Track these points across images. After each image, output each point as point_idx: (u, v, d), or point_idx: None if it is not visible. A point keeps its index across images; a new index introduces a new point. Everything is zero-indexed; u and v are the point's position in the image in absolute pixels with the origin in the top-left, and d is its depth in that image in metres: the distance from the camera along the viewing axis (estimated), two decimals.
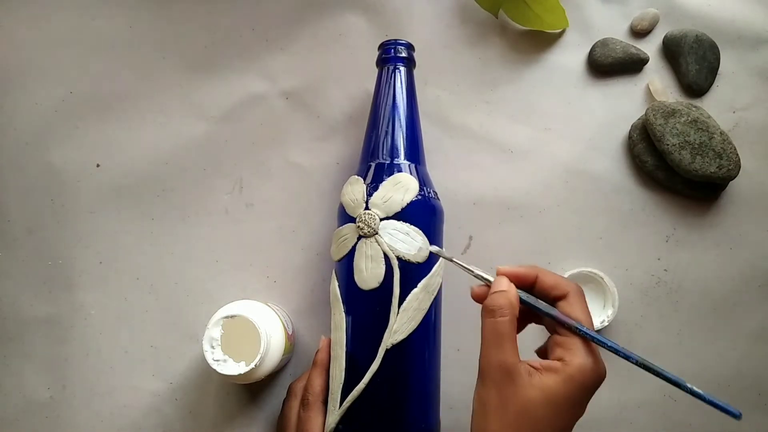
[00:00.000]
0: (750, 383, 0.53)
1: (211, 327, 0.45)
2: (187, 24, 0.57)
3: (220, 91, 0.57)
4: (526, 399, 0.34)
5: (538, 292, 0.39)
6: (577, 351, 0.35)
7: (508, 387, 0.34)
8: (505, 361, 0.35)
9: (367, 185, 0.46)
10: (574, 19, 0.57)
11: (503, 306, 0.36)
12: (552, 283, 0.38)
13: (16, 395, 0.53)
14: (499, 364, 0.35)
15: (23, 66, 0.57)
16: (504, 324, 0.36)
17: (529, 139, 0.56)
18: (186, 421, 0.53)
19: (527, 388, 0.34)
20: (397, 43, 0.51)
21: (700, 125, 0.52)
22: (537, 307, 0.38)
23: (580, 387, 0.35)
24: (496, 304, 0.37)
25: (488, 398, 0.35)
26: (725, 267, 0.55)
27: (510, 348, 0.35)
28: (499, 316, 0.36)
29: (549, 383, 0.34)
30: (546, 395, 0.34)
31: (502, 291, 0.37)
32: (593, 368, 0.35)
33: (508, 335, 0.36)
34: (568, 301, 0.37)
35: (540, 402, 0.34)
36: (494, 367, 0.35)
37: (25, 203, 0.55)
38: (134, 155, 0.56)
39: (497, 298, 0.37)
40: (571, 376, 0.34)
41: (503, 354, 0.35)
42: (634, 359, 0.36)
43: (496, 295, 0.37)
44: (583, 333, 0.36)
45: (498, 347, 0.35)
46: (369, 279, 0.45)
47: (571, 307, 0.37)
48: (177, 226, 0.55)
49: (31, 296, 0.54)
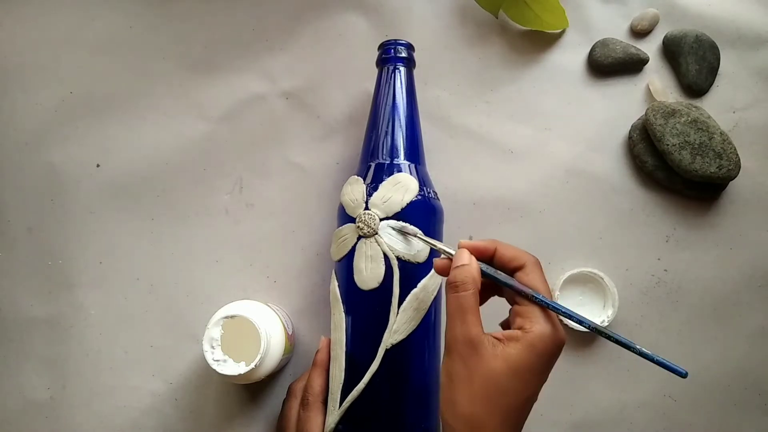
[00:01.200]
0: (750, 383, 0.53)
1: (211, 327, 0.45)
2: (187, 24, 0.57)
3: (220, 91, 0.57)
4: (491, 369, 0.35)
5: (497, 264, 0.40)
6: (535, 319, 0.36)
7: (472, 358, 0.35)
8: (469, 334, 0.36)
9: (366, 185, 0.46)
10: (574, 19, 0.57)
11: (465, 281, 0.37)
12: (510, 255, 0.39)
13: (16, 395, 0.53)
14: (464, 336, 0.36)
15: (23, 66, 0.57)
16: (467, 298, 0.37)
17: (529, 139, 0.56)
18: (186, 421, 0.53)
19: (491, 358, 0.35)
20: (397, 43, 0.51)
21: (700, 125, 0.52)
22: (497, 278, 0.39)
23: (541, 354, 0.35)
24: (459, 278, 0.37)
25: (454, 370, 0.36)
26: (725, 267, 0.55)
27: (473, 321, 0.36)
28: (461, 291, 0.37)
29: (511, 352, 0.35)
30: (509, 364, 0.35)
31: (464, 265, 0.38)
32: (552, 334, 0.36)
33: (471, 308, 0.37)
34: (525, 271, 0.38)
35: (504, 371, 0.35)
36: (459, 341, 0.36)
37: (25, 203, 0.55)
38: (134, 155, 0.56)
39: (459, 273, 0.38)
40: (531, 344, 0.35)
41: (467, 327, 0.36)
42: (587, 324, 0.37)
43: (459, 269, 0.38)
44: (539, 300, 0.37)
45: (462, 321, 0.36)
46: (369, 279, 0.45)
47: (528, 276, 0.38)
48: (177, 226, 0.55)
49: (31, 296, 0.54)
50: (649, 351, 0.36)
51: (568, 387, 0.53)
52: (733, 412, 0.53)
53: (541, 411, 0.52)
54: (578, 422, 0.53)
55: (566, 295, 0.53)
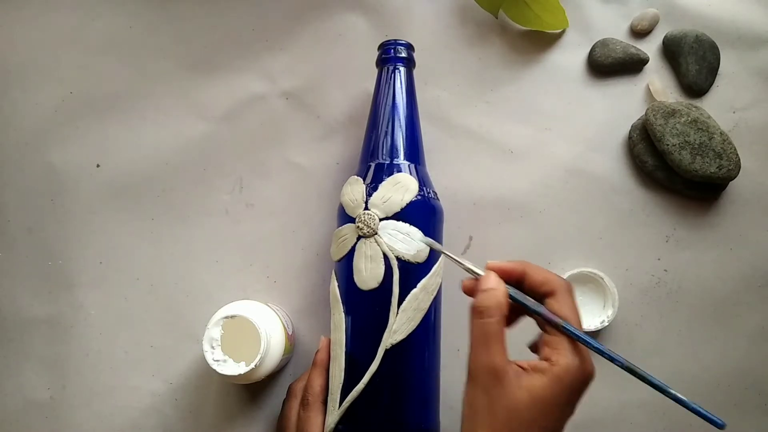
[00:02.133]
0: (750, 383, 0.53)
1: (211, 327, 0.45)
2: (187, 24, 0.57)
3: (220, 91, 0.57)
4: (514, 401, 0.34)
5: (527, 288, 0.38)
6: (563, 350, 0.35)
7: (495, 389, 0.34)
8: (493, 363, 0.34)
9: (366, 185, 0.46)
10: (574, 19, 0.57)
11: (490, 306, 0.36)
12: (541, 279, 0.37)
13: (16, 395, 0.53)
14: (487, 365, 0.35)
15: (23, 66, 0.57)
16: (491, 325, 0.35)
17: (529, 139, 0.56)
18: (186, 421, 0.53)
19: (515, 389, 0.34)
20: (397, 44, 0.51)
21: (700, 125, 0.52)
22: (525, 303, 0.37)
23: (567, 387, 0.34)
24: (484, 304, 0.36)
25: (476, 400, 0.35)
26: (725, 267, 0.55)
27: (498, 349, 0.35)
28: (486, 317, 0.36)
29: (536, 384, 0.34)
30: (533, 396, 0.34)
31: (490, 289, 0.37)
32: (580, 368, 0.35)
33: (495, 336, 0.35)
34: (556, 298, 0.37)
35: (527, 403, 0.34)
36: (482, 369, 0.35)
37: (25, 203, 0.55)
38: (134, 155, 0.56)
39: (485, 299, 0.36)
40: (557, 377, 0.34)
41: (491, 356, 0.35)
42: (619, 362, 0.35)
43: (484, 295, 0.37)
44: (569, 332, 0.35)
45: (486, 349, 0.35)
46: (368, 279, 0.45)
47: (559, 304, 0.36)
48: (177, 226, 0.55)
49: (31, 296, 0.54)
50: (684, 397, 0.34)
51: None
52: (733, 412, 0.53)
53: None
54: (578, 422, 0.52)
55: None
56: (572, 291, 0.38)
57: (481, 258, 0.54)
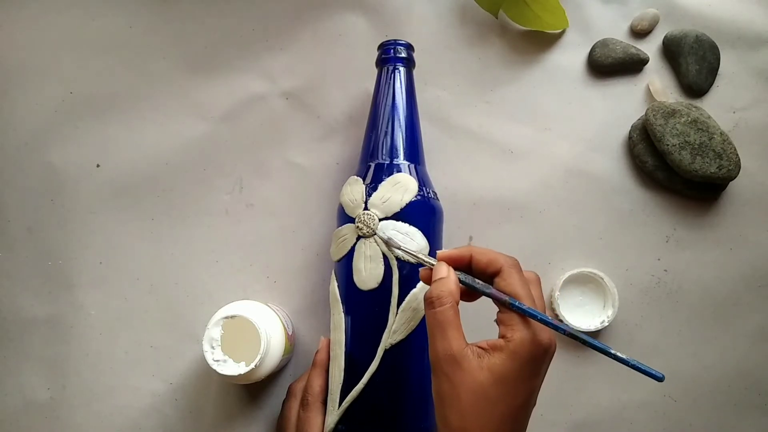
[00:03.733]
0: (750, 383, 0.53)
1: (211, 327, 0.45)
2: (187, 24, 0.57)
3: (220, 91, 0.57)
4: (477, 382, 0.34)
5: (475, 271, 0.39)
6: (516, 326, 0.35)
7: (457, 374, 0.35)
8: (451, 349, 0.35)
9: (366, 185, 0.46)
10: (574, 20, 0.57)
11: (441, 295, 0.37)
12: (486, 260, 0.38)
13: (16, 395, 0.53)
14: (445, 353, 0.35)
15: (23, 66, 0.57)
16: (444, 313, 0.36)
17: (529, 139, 0.56)
18: (186, 422, 0.53)
19: (476, 371, 0.34)
20: (397, 44, 0.51)
21: (700, 125, 0.52)
22: (474, 286, 0.38)
23: (525, 361, 0.35)
24: (435, 293, 0.37)
25: (442, 389, 0.35)
26: (725, 267, 0.55)
27: (454, 335, 0.36)
28: (438, 306, 0.36)
29: (496, 362, 0.35)
30: (495, 375, 0.34)
31: (441, 279, 0.38)
32: (533, 340, 0.35)
33: (450, 323, 0.36)
34: (502, 276, 0.37)
35: (490, 382, 0.34)
36: (442, 358, 0.35)
37: (25, 203, 0.55)
38: (134, 155, 0.56)
39: (435, 288, 0.37)
40: (514, 352, 0.35)
41: (447, 342, 0.35)
42: (563, 329, 0.36)
43: (435, 284, 0.38)
44: (516, 308, 0.36)
45: (442, 337, 0.36)
46: (368, 279, 0.45)
47: (505, 281, 0.37)
48: (177, 226, 0.55)
49: (31, 296, 0.54)
50: (624, 355, 0.35)
51: (568, 387, 0.53)
52: (733, 412, 0.53)
53: (541, 411, 0.52)
54: (578, 422, 0.53)
55: (566, 296, 0.53)
56: (517, 266, 0.38)
57: None
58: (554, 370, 0.52)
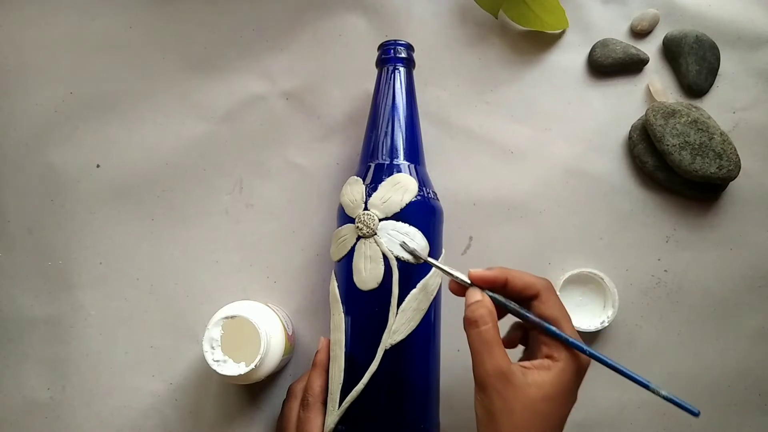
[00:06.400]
0: (750, 383, 0.53)
1: (211, 327, 0.45)
2: (187, 24, 0.57)
3: (220, 91, 0.57)
4: (528, 397, 0.36)
5: (510, 293, 0.40)
6: (560, 347, 0.38)
7: (507, 390, 0.36)
8: (500, 366, 0.37)
9: (366, 186, 0.46)
10: (574, 20, 0.57)
11: (483, 314, 0.38)
12: (522, 284, 0.40)
13: (16, 395, 0.53)
14: (495, 370, 0.37)
15: (23, 66, 0.57)
16: (488, 332, 0.38)
17: (529, 139, 0.56)
18: (186, 422, 0.53)
19: (525, 387, 0.36)
20: (397, 44, 0.51)
21: (700, 126, 0.52)
22: (511, 309, 0.40)
23: (570, 379, 0.37)
24: (477, 314, 0.38)
25: (493, 405, 0.36)
26: (725, 267, 0.55)
27: (500, 353, 0.37)
28: (482, 325, 0.38)
29: (545, 380, 0.37)
30: (544, 391, 0.36)
31: (478, 301, 0.39)
32: (576, 360, 0.38)
33: (495, 341, 0.37)
34: (541, 299, 0.39)
35: (540, 397, 0.36)
36: (491, 375, 0.37)
37: (25, 203, 0.55)
38: (134, 155, 0.56)
39: (476, 309, 0.39)
40: (562, 370, 0.37)
41: (496, 360, 0.37)
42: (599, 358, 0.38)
43: (474, 305, 0.39)
44: (552, 333, 0.38)
45: (489, 355, 0.37)
46: (368, 279, 0.44)
47: (544, 305, 0.39)
48: (177, 227, 0.55)
49: (31, 296, 0.54)
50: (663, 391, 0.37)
51: None
52: (733, 412, 0.53)
53: None
54: (578, 422, 0.53)
55: (566, 296, 0.53)
56: (553, 289, 0.40)
57: (481, 258, 0.55)
58: None
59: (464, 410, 0.52)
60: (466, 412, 0.52)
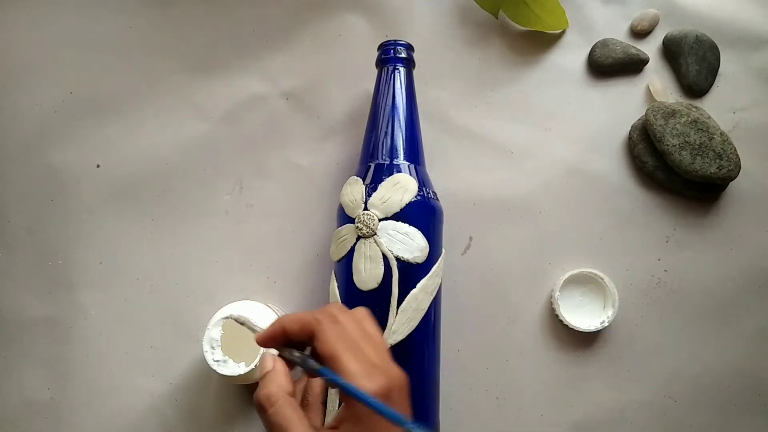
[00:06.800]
0: (750, 383, 0.53)
1: (211, 328, 0.45)
2: (187, 24, 0.57)
3: (220, 92, 0.57)
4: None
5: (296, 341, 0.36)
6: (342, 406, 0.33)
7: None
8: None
9: (366, 186, 0.46)
10: (574, 20, 0.57)
11: (269, 394, 0.34)
12: (298, 328, 0.35)
13: (16, 395, 0.53)
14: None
15: (23, 66, 0.57)
16: (277, 413, 0.33)
17: (529, 139, 0.56)
18: (186, 422, 0.53)
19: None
20: (397, 44, 0.51)
21: (700, 126, 0.52)
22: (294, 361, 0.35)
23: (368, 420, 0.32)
24: (262, 396, 0.34)
25: None
26: (725, 267, 0.55)
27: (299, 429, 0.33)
28: (270, 407, 0.33)
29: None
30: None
31: (267, 373, 0.35)
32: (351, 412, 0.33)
33: (288, 420, 0.33)
34: (317, 338, 0.34)
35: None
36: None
37: (25, 203, 0.55)
38: (134, 155, 0.56)
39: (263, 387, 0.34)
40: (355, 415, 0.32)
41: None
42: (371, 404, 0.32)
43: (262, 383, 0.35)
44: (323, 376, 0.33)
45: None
46: (368, 279, 0.45)
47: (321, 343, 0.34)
48: (177, 227, 0.55)
49: (31, 296, 0.54)
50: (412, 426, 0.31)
51: (568, 387, 0.53)
52: (733, 412, 0.53)
53: (541, 411, 0.52)
54: (578, 422, 0.53)
55: (566, 296, 0.53)
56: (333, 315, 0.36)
57: (480, 258, 0.54)
58: (554, 370, 0.53)
59: (464, 410, 0.53)
60: (466, 412, 0.53)
